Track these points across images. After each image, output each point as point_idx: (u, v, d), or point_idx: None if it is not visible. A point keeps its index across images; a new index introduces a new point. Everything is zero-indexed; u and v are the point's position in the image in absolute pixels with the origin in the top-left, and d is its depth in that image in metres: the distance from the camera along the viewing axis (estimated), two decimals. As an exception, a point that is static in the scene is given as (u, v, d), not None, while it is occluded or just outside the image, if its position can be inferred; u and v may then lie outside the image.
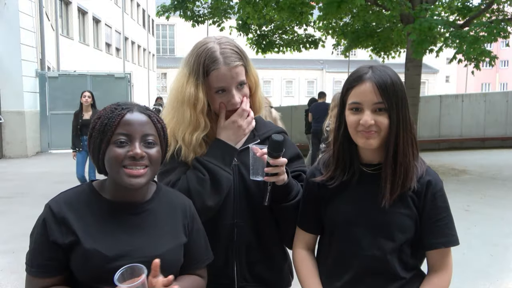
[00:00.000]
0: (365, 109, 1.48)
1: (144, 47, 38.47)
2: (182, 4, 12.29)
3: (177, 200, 1.55)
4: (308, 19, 12.14)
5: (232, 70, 1.66)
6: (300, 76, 56.52)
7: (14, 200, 7.86)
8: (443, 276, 1.55)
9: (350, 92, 1.51)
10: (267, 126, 1.91)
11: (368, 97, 1.47)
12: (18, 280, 4.39)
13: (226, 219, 1.70)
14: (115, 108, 1.39)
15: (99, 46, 26.89)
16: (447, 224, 1.54)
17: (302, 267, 1.68)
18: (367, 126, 1.47)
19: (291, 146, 1.87)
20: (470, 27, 9.51)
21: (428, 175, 1.56)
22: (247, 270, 1.74)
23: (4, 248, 5.32)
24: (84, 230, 1.34)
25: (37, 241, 1.35)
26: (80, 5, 23.29)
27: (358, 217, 1.54)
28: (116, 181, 1.37)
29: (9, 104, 12.92)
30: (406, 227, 1.52)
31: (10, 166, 11.56)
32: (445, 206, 1.56)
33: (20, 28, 13.04)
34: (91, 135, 1.39)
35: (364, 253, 1.53)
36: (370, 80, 1.47)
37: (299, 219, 1.72)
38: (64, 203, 1.37)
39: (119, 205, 1.41)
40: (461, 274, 4.37)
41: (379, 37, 13.63)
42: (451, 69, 55.46)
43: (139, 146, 1.35)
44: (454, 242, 1.55)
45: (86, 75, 15.12)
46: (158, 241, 1.41)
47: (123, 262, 1.30)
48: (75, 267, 1.34)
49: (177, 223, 1.50)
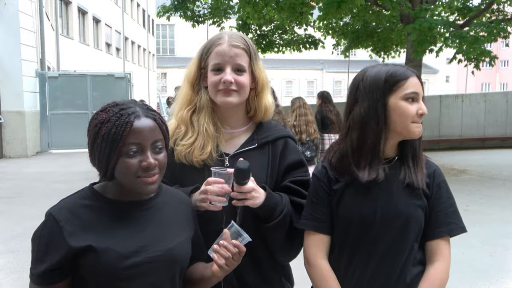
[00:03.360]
0: (419, 99, 1.57)
1: (144, 47, 38.45)
2: (183, 5, 12.30)
3: (179, 195, 1.58)
4: (308, 19, 12.15)
5: (233, 48, 1.66)
6: (300, 76, 56.52)
7: (14, 200, 7.86)
8: (442, 267, 1.55)
9: (401, 85, 1.55)
10: (271, 129, 1.81)
11: (420, 88, 1.58)
12: (18, 280, 4.40)
13: (214, 224, 1.65)
14: (120, 114, 1.33)
15: (99, 46, 26.88)
16: (449, 214, 1.57)
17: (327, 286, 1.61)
18: (419, 115, 1.55)
19: (293, 152, 1.80)
20: (470, 27, 9.51)
21: (432, 166, 1.62)
22: (234, 277, 1.66)
23: (4, 248, 5.31)
24: (94, 234, 1.33)
25: (41, 249, 1.33)
26: (80, 5, 23.29)
27: (375, 211, 1.54)
28: (129, 188, 1.37)
29: (9, 104, 12.92)
30: (419, 218, 1.55)
31: (10, 166, 11.56)
32: (448, 196, 1.60)
33: (20, 28, 13.03)
34: (95, 141, 1.34)
35: (380, 247, 1.54)
36: (415, 74, 1.58)
37: (310, 222, 1.65)
38: (66, 210, 1.35)
39: (126, 204, 1.41)
40: (460, 274, 4.37)
41: (379, 37, 13.65)
42: (451, 69, 55.47)
43: (151, 155, 1.34)
44: (458, 230, 1.58)
45: (86, 75, 15.11)
46: (168, 234, 1.43)
47: (137, 258, 1.33)
48: (88, 271, 1.32)
49: (183, 217, 1.52)
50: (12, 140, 13.02)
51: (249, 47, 1.71)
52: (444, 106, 14.76)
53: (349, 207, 1.58)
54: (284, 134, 1.81)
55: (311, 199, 1.67)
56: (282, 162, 1.76)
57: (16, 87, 12.98)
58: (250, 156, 1.70)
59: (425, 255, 1.59)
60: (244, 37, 1.74)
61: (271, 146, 1.77)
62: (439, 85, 55.95)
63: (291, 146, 1.80)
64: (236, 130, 1.79)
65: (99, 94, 14.53)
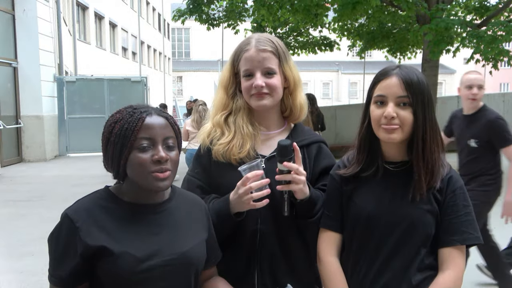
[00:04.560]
0: (388, 102, 1.49)
1: (160, 51, 38.74)
2: (198, 8, 12.36)
3: (193, 198, 1.59)
4: (323, 20, 12.10)
5: (260, 53, 1.68)
6: (316, 78, 56.33)
7: (33, 203, 7.97)
8: (451, 276, 1.49)
9: (376, 86, 1.53)
10: (305, 134, 1.83)
11: (393, 90, 1.49)
12: (38, 282, 4.45)
13: (250, 225, 1.65)
14: (133, 111, 1.37)
15: (116, 51, 27.16)
16: (464, 222, 1.51)
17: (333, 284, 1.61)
18: (389, 118, 1.48)
19: (326, 157, 1.80)
20: (488, 27, 9.37)
21: (450, 172, 1.56)
22: (268, 278, 1.67)
23: (23, 250, 5.39)
24: (109, 235, 1.33)
25: (58, 250, 1.34)
26: (97, 10, 23.57)
27: (381, 213, 1.53)
28: (141, 185, 1.37)
29: (28, 108, 13.11)
30: (427, 223, 1.51)
31: (29, 170, 11.73)
32: (464, 204, 1.54)
33: (39, 33, 13.22)
34: (108, 140, 1.36)
35: (385, 249, 1.53)
36: (397, 75, 1.50)
37: (324, 220, 1.67)
38: (82, 210, 1.35)
39: (140, 207, 1.41)
40: (472, 278, 4.31)
41: (394, 37, 13.53)
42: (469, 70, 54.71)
43: (163, 150, 1.35)
44: (472, 240, 1.52)
45: (103, 79, 15.26)
46: (183, 238, 1.44)
47: (153, 262, 1.33)
48: (105, 273, 1.33)
49: (197, 220, 1.53)
50: (31, 144, 13.21)
51: (277, 48, 1.73)
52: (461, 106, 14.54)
53: (356, 207, 1.59)
54: (318, 139, 1.83)
55: (327, 197, 1.69)
56: (316, 166, 1.77)
57: (35, 92, 13.17)
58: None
59: (438, 264, 1.55)
60: (272, 38, 1.75)
61: (306, 150, 1.77)
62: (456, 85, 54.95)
63: (325, 151, 1.81)
64: (271, 132, 1.80)
65: (116, 98, 14.66)
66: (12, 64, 12.81)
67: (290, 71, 1.75)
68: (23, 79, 13.04)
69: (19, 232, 6.15)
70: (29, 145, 13.21)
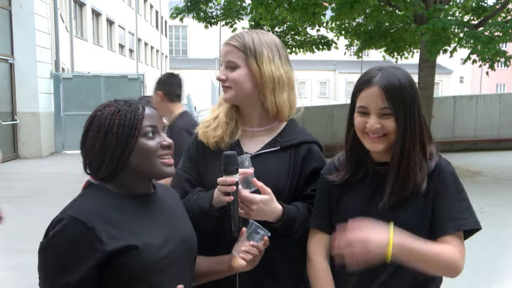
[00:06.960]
0: (371, 114, 1.49)
1: (157, 48, 38.69)
2: (195, 6, 12.36)
3: (165, 187, 1.62)
4: (320, 19, 12.13)
5: (225, 46, 1.73)
6: (313, 77, 56.34)
7: (29, 200, 7.95)
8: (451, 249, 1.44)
9: (359, 95, 1.53)
10: (296, 133, 1.77)
11: (374, 102, 1.48)
12: (34, 279, 4.43)
13: (227, 232, 1.60)
14: (128, 103, 1.37)
15: (113, 48, 27.11)
16: (457, 208, 1.48)
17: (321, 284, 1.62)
18: (373, 130, 1.48)
19: (317, 160, 1.75)
20: (485, 27, 9.41)
21: (439, 162, 1.55)
22: (250, 281, 1.64)
23: (19, 247, 5.38)
24: (127, 231, 1.30)
25: (65, 257, 1.25)
26: (94, 7, 23.52)
27: (367, 215, 1.50)
28: (149, 172, 1.39)
29: (24, 105, 13.06)
30: (413, 222, 1.48)
31: (25, 167, 11.70)
32: (456, 190, 1.52)
33: (36, 30, 13.17)
34: (107, 133, 1.33)
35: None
36: (377, 84, 1.47)
37: (314, 220, 1.66)
38: (92, 211, 1.29)
39: (140, 197, 1.41)
40: (475, 276, 4.33)
41: (392, 37, 13.56)
42: (465, 70, 54.90)
43: (166, 136, 1.42)
44: (467, 225, 1.48)
45: (100, 76, 15.22)
46: (181, 224, 1.51)
47: (167, 248, 1.36)
48: (128, 268, 1.28)
49: (182, 207, 1.60)
50: (27, 141, 13.17)
51: (246, 44, 1.67)
52: (458, 107, 14.60)
53: (343, 208, 1.59)
54: (309, 140, 1.78)
55: (317, 197, 1.69)
56: (305, 168, 1.73)
57: (31, 88, 13.12)
58: (271, 158, 1.71)
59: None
60: (248, 34, 1.72)
61: (294, 150, 1.74)
62: (453, 86, 55.40)
63: (315, 153, 1.76)
64: (257, 128, 1.78)
65: (112, 95, 14.56)
66: (8, 60, 12.75)
67: (263, 68, 1.66)
68: (20, 76, 12.98)
69: (15, 229, 6.12)
70: (25, 141, 13.17)
